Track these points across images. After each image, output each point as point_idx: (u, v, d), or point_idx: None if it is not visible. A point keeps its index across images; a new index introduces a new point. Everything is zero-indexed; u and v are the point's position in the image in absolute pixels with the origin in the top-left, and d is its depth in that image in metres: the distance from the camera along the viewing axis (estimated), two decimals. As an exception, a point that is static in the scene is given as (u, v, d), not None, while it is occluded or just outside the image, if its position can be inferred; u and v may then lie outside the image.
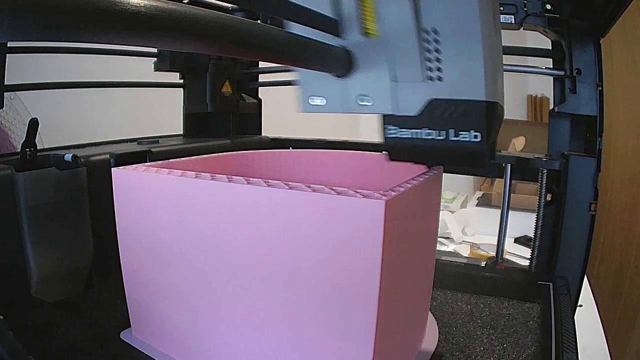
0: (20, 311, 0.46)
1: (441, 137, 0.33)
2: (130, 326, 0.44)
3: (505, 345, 0.42)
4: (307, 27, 0.30)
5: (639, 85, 1.52)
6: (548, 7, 0.65)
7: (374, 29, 0.31)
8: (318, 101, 0.35)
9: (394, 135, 0.34)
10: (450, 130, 0.32)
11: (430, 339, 0.43)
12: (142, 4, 0.18)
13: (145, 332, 0.42)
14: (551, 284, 0.58)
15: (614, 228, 1.56)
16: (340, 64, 0.32)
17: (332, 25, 0.32)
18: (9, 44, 0.53)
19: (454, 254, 1.09)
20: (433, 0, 0.29)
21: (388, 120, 0.34)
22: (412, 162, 0.37)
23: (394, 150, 0.35)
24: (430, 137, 0.33)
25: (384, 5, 0.30)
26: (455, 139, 0.32)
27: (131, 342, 0.42)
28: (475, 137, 0.32)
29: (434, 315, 0.48)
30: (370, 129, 0.63)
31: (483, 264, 0.75)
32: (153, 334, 0.41)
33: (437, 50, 0.31)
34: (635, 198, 1.53)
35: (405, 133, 0.34)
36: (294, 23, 0.31)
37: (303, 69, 0.35)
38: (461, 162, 0.33)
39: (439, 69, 0.31)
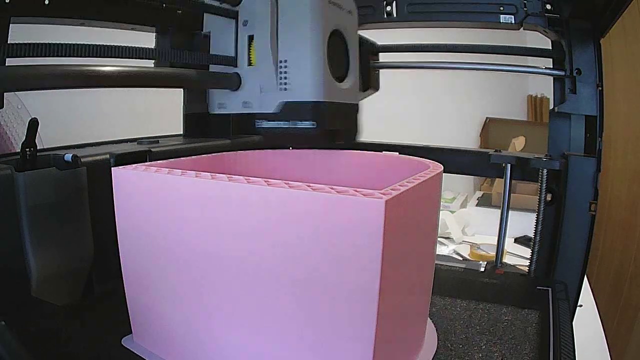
0: (21, 314, 0.46)
1: (290, 125, 0.49)
2: (131, 332, 0.43)
3: (503, 352, 0.42)
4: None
5: (639, 85, 1.52)
6: (548, 7, 0.65)
7: (254, 61, 0.51)
8: (222, 106, 0.55)
9: (260, 126, 0.51)
10: (295, 121, 0.48)
11: (429, 344, 0.43)
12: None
13: (147, 338, 0.42)
14: (550, 289, 0.58)
15: (614, 228, 1.56)
16: (235, 83, 0.52)
17: (233, 61, 0.52)
18: (9, 43, 0.53)
19: (453, 258, 1.09)
20: (286, 44, 0.48)
21: (258, 116, 0.51)
22: (277, 145, 0.53)
23: (266, 136, 0.51)
24: (283, 126, 0.49)
25: (259, 47, 0.50)
26: (299, 126, 0.48)
27: (133, 348, 0.42)
28: (312, 124, 0.48)
29: (432, 321, 0.48)
30: (370, 129, 0.63)
31: (482, 269, 0.75)
32: (155, 340, 0.41)
33: (286, 72, 0.48)
34: (635, 198, 1.53)
35: (268, 124, 0.50)
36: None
37: (214, 88, 0.55)
38: (304, 141, 0.50)
39: (286, 83, 0.48)
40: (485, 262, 0.77)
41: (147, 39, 0.60)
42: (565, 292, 0.58)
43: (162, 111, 0.93)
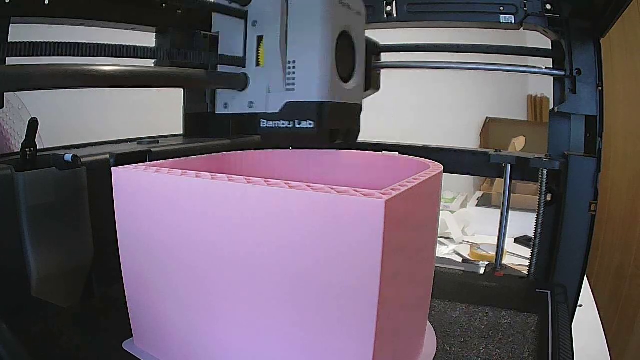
0: (21, 316, 0.46)
1: (291, 125, 0.48)
2: (132, 335, 0.43)
3: (502, 356, 0.43)
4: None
5: (639, 86, 1.52)
6: (548, 7, 0.65)
7: (262, 61, 0.50)
8: (227, 106, 0.54)
9: (265, 126, 0.50)
10: (296, 120, 0.48)
11: (428, 348, 0.43)
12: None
13: (148, 342, 0.42)
14: (549, 292, 0.58)
15: (614, 228, 1.56)
16: (242, 83, 0.51)
17: (240, 61, 0.51)
18: (9, 42, 0.53)
19: (452, 261, 1.09)
20: (295, 45, 0.48)
21: (262, 116, 0.50)
22: (279, 145, 0.55)
23: (266, 136, 0.50)
24: (285, 126, 0.49)
25: (268, 48, 0.49)
26: (299, 126, 0.48)
27: (134, 352, 0.42)
28: (310, 124, 0.47)
29: (431, 325, 0.48)
30: (370, 129, 0.63)
31: (482, 271, 0.75)
32: (155, 343, 0.41)
33: (294, 72, 0.48)
34: (635, 198, 1.53)
35: (271, 124, 0.49)
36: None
37: (221, 88, 0.54)
38: (305, 142, 0.51)
39: (293, 84, 0.48)
40: (485, 264, 0.77)
41: (144, 38, 0.60)
42: (565, 295, 0.58)
43: (162, 110, 0.93)
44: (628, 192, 1.55)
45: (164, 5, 0.62)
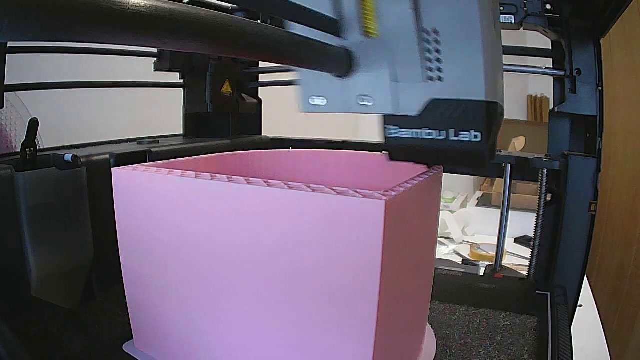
0: (21, 317, 0.45)
1: (441, 137, 0.33)
2: (132, 337, 0.43)
3: (501, 358, 0.43)
4: (307, 28, 0.30)
5: (638, 85, 1.52)
6: (548, 7, 0.65)
7: (375, 29, 0.31)
8: (318, 101, 0.36)
9: (394, 135, 0.34)
10: (450, 130, 0.32)
11: (428, 350, 0.44)
12: (142, 4, 0.18)
13: (148, 344, 0.42)
14: (549, 293, 0.58)
15: (614, 228, 1.56)
16: (341, 64, 0.32)
17: (333, 26, 0.32)
18: (9, 44, 0.53)
19: (452, 263, 1.09)
20: (434, 1, 0.29)
21: (389, 120, 0.34)
22: (413, 162, 0.37)
23: (395, 150, 0.36)
24: (430, 137, 0.33)
25: (385, 6, 0.31)
26: (456, 139, 0.32)
27: (134, 354, 0.42)
28: (476, 137, 0.32)
29: (431, 327, 0.48)
30: (370, 129, 0.63)
31: (482, 272, 0.75)
32: (156, 345, 0.41)
33: (437, 51, 0.31)
34: (635, 198, 1.53)
35: (406, 133, 0.34)
36: (294, 24, 0.31)
37: (304, 69, 0.35)
38: (461, 162, 0.33)
39: (439, 69, 0.31)
40: (485, 266, 0.77)
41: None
42: (564, 296, 0.58)
43: (162, 111, 0.93)
44: (628, 192, 1.55)
45: None
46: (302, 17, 0.29)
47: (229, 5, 0.63)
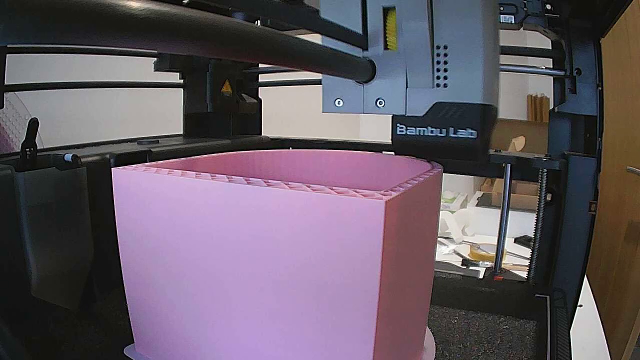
0: (21, 320, 0.45)
1: (442, 134, 0.39)
2: (133, 341, 0.43)
3: None
4: (334, 40, 0.36)
5: (624, 81, 1.52)
6: (548, 7, 0.65)
7: (395, 44, 0.38)
8: (339, 103, 0.42)
9: (402, 133, 0.40)
10: (450, 128, 0.38)
11: (427, 353, 0.44)
12: (143, 8, 0.18)
13: (149, 347, 0.42)
14: (548, 297, 0.58)
15: (614, 228, 1.56)
16: (366, 73, 0.38)
17: (361, 40, 0.38)
18: (9, 44, 0.53)
19: (452, 266, 1.09)
20: (445, 22, 0.36)
21: (398, 119, 0.40)
22: (416, 156, 0.43)
23: (402, 145, 0.41)
24: (433, 134, 0.39)
25: (405, 24, 0.36)
26: (454, 135, 0.38)
27: (135, 358, 0.42)
28: (471, 134, 0.38)
29: (431, 330, 0.48)
30: (370, 129, 0.63)
31: (481, 275, 0.75)
32: (157, 348, 0.41)
33: (445, 62, 0.37)
34: (635, 198, 1.53)
35: (412, 131, 0.40)
36: (327, 37, 0.37)
37: (328, 76, 0.41)
38: (459, 155, 0.39)
39: (445, 77, 0.37)
40: (485, 268, 0.77)
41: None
42: (564, 299, 0.58)
43: (162, 111, 0.93)
44: (627, 191, 1.55)
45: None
46: (338, 33, 0.36)
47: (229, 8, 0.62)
